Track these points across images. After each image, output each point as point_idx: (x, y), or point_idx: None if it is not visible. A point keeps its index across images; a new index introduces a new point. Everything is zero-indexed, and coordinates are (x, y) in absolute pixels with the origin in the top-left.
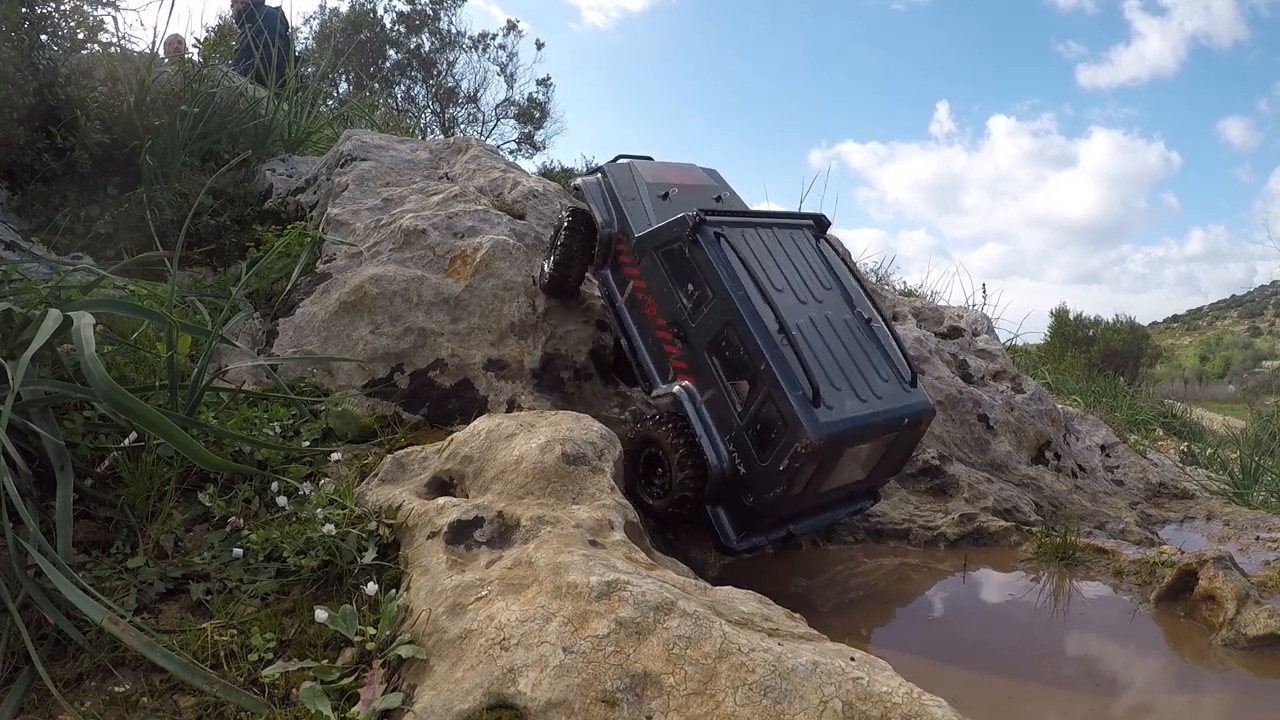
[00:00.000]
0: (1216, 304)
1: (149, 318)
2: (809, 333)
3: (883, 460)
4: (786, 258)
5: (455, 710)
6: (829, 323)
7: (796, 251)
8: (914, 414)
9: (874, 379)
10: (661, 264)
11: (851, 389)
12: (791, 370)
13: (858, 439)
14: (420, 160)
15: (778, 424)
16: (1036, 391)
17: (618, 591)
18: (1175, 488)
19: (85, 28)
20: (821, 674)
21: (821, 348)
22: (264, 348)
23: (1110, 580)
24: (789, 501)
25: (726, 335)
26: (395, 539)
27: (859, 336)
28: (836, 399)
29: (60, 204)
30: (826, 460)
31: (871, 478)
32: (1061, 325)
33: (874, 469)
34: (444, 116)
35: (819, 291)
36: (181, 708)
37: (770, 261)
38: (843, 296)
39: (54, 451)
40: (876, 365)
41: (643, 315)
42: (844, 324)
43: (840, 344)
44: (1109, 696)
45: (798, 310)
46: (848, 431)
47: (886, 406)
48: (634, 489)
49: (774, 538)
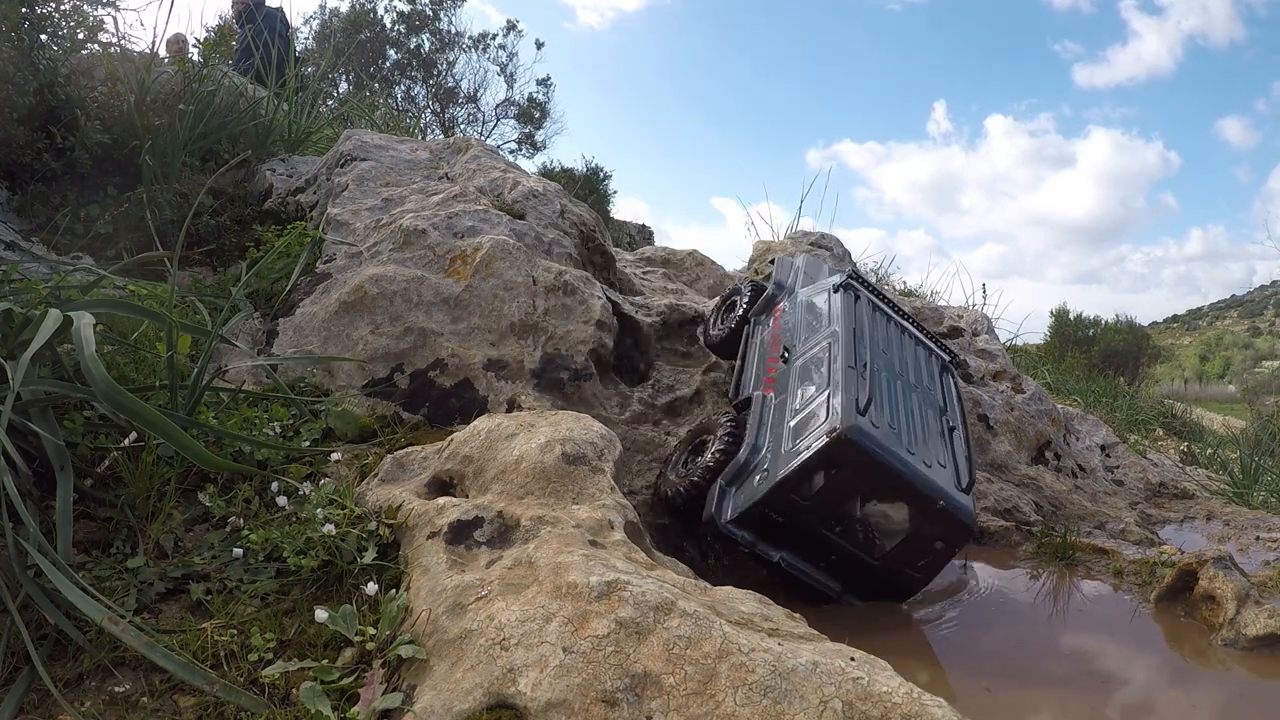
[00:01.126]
0: (1216, 304)
1: (149, 318)
2: (887, 384)
3: (901, 547)
4: (902, 346)
5: (455, 710)
6: (915, 400)
7: (915, 351)
8: (950, 505)
9: (931, 455)
10: (803, 309)
11: (904, 441)
12: (854, 385)
13: (884, 478)
14: (420, 160)
15: (819, 415)
16: (1036, 391)
17: (618, 591)
18: (1175, 488)
19: (85, 28)
20: (821, 674)
21: (893, 401)
22: (264, 348)
23: (1110, 580)
24: (784, 500)
25: (819, 357)
26: (395, 539)
27: (937, 426)
28: (886, 431)
29: (60, 204)
30: (847, 474)
31: (884, 565)
32: (1061, 325)
33: (890, 554)
34: (444, 116)
35: (918, 381)
36: (181, 708)
37: (883, 336)
38: (940, 398)
39: (54, 451)
40: (940, 450)
41: (766, 346)
42: (928, 413)
43: (916, 416)
44: (1109, 696)
45: (888, 372)
46: (879, 457)
47: (929, 477)
48: (661, 476)
49: (760, 549)
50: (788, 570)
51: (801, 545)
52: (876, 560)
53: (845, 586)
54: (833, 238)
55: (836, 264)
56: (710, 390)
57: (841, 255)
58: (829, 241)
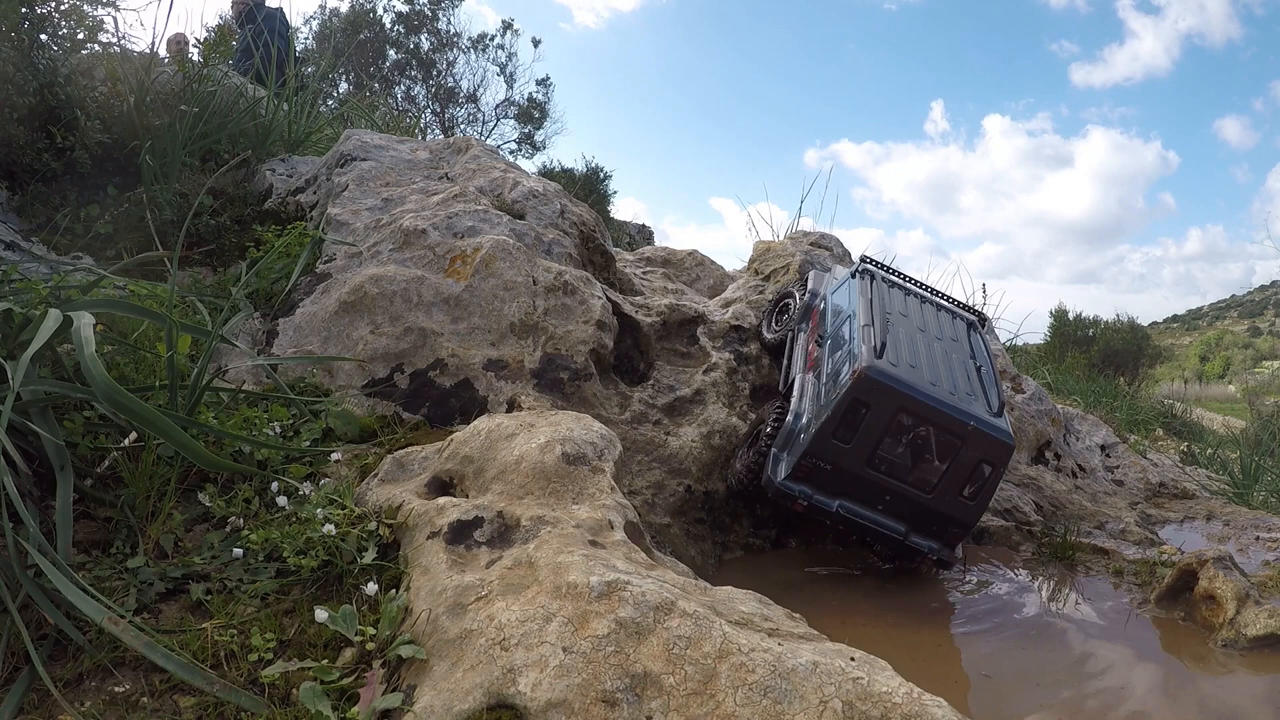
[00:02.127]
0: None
1: (149, 318)
2: (906, 335)
3: (947, 476)
4: (922, 310)
5: (455, 710)
6: (940, 348)
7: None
8: (985, 427)
9: (958, 385)
10: (831, 303)
11: (927, 375)
12: (869, 336)
13: (910, 407)
14: (420, 160)
15: (844, 367)
16: (1036, 391)
17: (618, 591)
18: (1175, 488)
19: (85, 28)
20: (821, 674)
21: (913, 348)
22: (264, 348)
23: (1110, 580)
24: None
25: (841, 331)
26: (395, 539)
27: (964, 368)
28: (907, 370)
29: (60, 204)
30: (871, 405)
31: (937, 498)
32: (1061, 325)
33: (938, 485)
34: (444, 116)
35: (942, 334)
36: (181, 708)
37: (900, 302)
38: (968, 347)
39: (54, 451)
40: (967, 384)
41: (805, 342)
42: (953, 356)
43: (939, 358)
44: (1109, 696)
45: (907, 326)
46: (900, 387)
47: (957, 404)
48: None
49: (817, 500)
50: (849, 519)
51: (855, 491)
52: (929, 494)
53: (908, 528)
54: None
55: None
56: (710, 390)
57: (841, 255)
58: (829, 241)
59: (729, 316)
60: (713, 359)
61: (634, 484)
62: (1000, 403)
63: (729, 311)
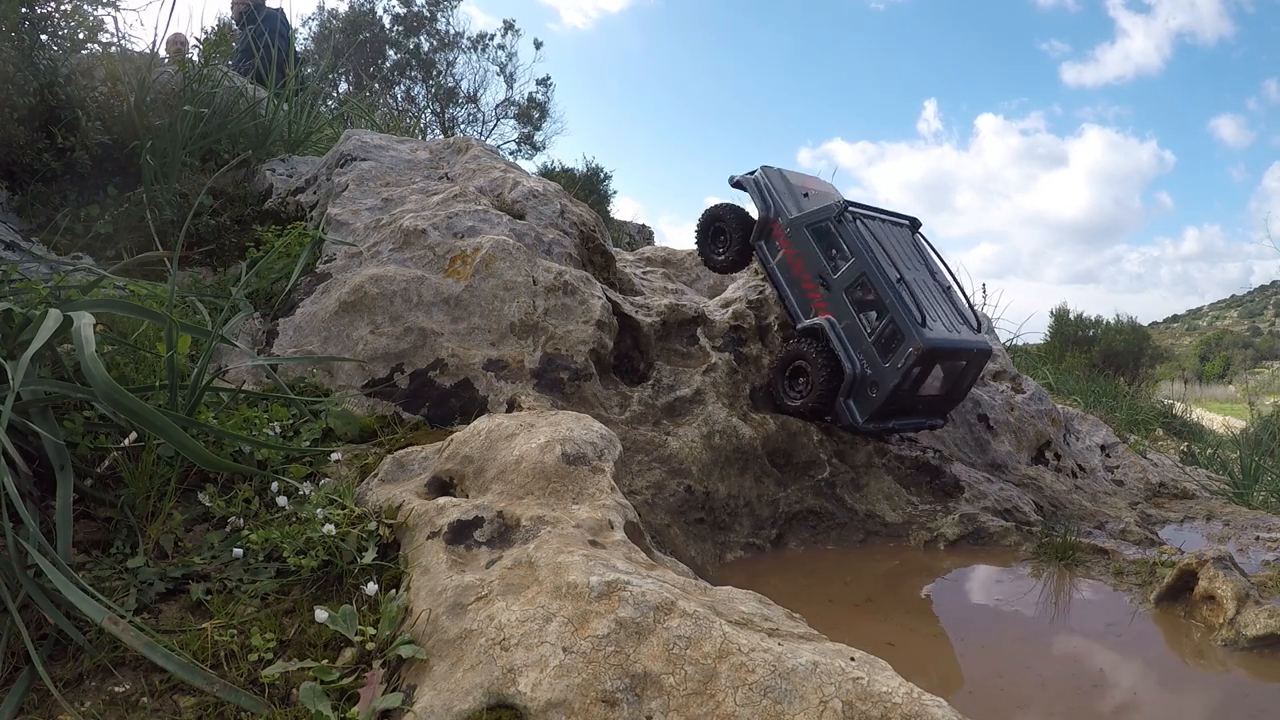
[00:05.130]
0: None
1: (149, 318)
2: (915, 285)
3: (957, 383)
4: (896, 242)
5: (455, 710)
6: (924, 283)
7: (901, 239)
8: (981, 349)
9: (955, 321)
10: (810, 237)
11: (942, 324)
12: (907, 303)
13: (946, 356)
14: (420, 160)
15: (898, 337)
16: (1036, 391)
17: (618, 591)
18: (1175, 488)
19: (85, 28)
20: (821, 674)
21: (923, 296)
22: (264, 348)
23: (1110, 580)
24: (899, 398)
25: (861, 283)
26: (395, 539)
27: (942, 296)
28: (935, 326)
29: (60, 204)
30: (925, 366)
31: (947, 398)
32: (1062, 325)
33: (950, 389)
34: (444, 116)
35: (915, 264)
36: (181, 708)
37: (888, 241)
38: (929, 270)
39: (54, 451)
40: (954, 315)
41: (791, 272)
42: (932, 287)
43: (933, 297)
44: (1108, 696)
45: (907, 272)
46: (942, 347)
47: (964, 339)
48: (776, 395)
49: (883, 428)
50: (900, 429)
51: (905, 412)
52: (942, 394)
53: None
54: None
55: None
56: (710, 390)
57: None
58: None
59: (729, 316)
60: (713, 359)
61: (634, 484)
62: (979, 320)
63: (729, 311)
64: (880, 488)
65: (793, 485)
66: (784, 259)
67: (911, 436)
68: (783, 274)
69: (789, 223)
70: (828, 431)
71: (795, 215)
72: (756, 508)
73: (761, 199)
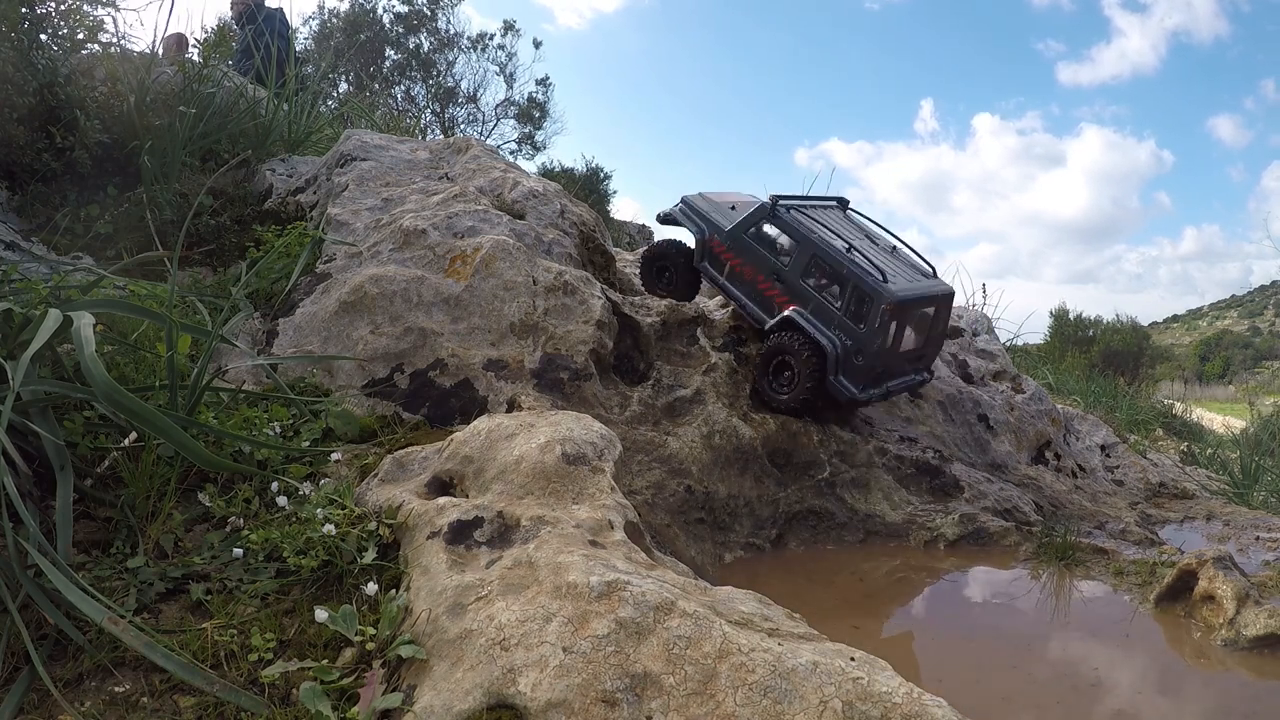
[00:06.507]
0: (1216, 304)
1: (149, 318)
2: (864, 249)
3: (930, 331)
4: (830, 219)
5: (455, 710)
6: (870, 247)
7: (834, 217)
8: (943, 291)
9: (911, 273)
10: (752, 240)
11: (901, 277)
12: (864, 266)
13: (915, 305)
14: (420, 160)
15: (866, 300)
16: (1036, 391)
17: (618, 591)
18: (1175, 488)
19: (85, 28)
20: (821, 674)
21: (875, 257)
22: (264, 348)
23: (1110, 580)
24: (884, 357)
25: (814, 265)
26: (395, 539)
27: (890, 256)
28: (895, 281)
29: (60, 204)
30: (900, 319)
31: (926, 348)
32: (1061, 325)
33: (927, 339)
34: (444, 116)
35: (856, 234)
36: (181, 708)
37: (825, 221)
38: (869, 236)
39: (54, 451)
40: (908, 267)
41: (743, 280)
42: (878, 248)
43: (883, 257)
44: (1108, 696)
45: (854, 241)
46: (910, 297)
47: (926, 286)
48: (764, 394)
49: (878, 393)
50: (897, 390)
51: (893, 373)
52: (920, 345)
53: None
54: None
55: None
56: (710, 390)
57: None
58: None
59: (728, 316)
60: (712, 359)
61: (634, 484)
62: (932, 268)
63: (729, 311)
64: (880, 487)
65: (793, 485)
66: (732, 270)
67: (912, 436)
68: (736, 285)
69: (727, 235)
70: (828, 431)
71: (730, 226)
72: (756, 508)
73: (693, 223)
